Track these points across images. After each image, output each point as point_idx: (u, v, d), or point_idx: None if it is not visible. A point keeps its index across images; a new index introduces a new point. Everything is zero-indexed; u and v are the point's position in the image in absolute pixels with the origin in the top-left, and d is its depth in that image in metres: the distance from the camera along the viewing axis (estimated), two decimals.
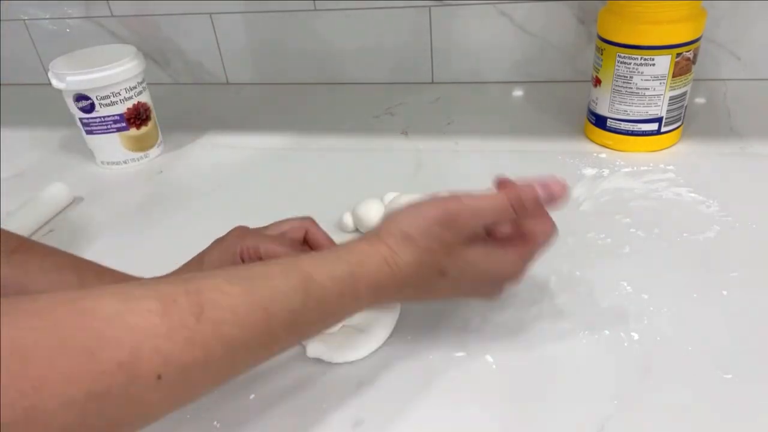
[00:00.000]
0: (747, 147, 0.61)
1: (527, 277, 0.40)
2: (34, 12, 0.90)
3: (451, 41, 0.80)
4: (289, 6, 0.81)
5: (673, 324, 0.41)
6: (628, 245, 0.48)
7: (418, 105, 0.78)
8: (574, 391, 0.37)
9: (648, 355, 0.39)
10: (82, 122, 0.66)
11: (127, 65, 0.64)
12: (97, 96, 0.63)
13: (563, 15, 0.75)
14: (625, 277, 0.45)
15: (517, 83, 0.81)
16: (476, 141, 0.68)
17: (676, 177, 0.56)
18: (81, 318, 0.25)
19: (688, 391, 0.36)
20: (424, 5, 0.78)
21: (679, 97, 0.59)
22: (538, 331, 0.41)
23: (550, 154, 0.62)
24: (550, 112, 0.72)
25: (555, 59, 0.78)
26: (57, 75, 0.62)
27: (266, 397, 0.38)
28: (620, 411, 0.35)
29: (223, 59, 0.88)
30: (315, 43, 0.84)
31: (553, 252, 0.48)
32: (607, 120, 0.61)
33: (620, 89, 0.59)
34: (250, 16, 0.84)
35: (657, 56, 0.56)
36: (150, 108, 0.69)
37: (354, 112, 0.78)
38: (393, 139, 0.70)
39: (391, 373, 0.39)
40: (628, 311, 0.42)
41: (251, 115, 0.81)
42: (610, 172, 0.58)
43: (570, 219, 0.52)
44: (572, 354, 0.39)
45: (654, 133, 0.60)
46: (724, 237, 0.48)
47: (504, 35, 0.78)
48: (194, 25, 0.86)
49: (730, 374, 0.37)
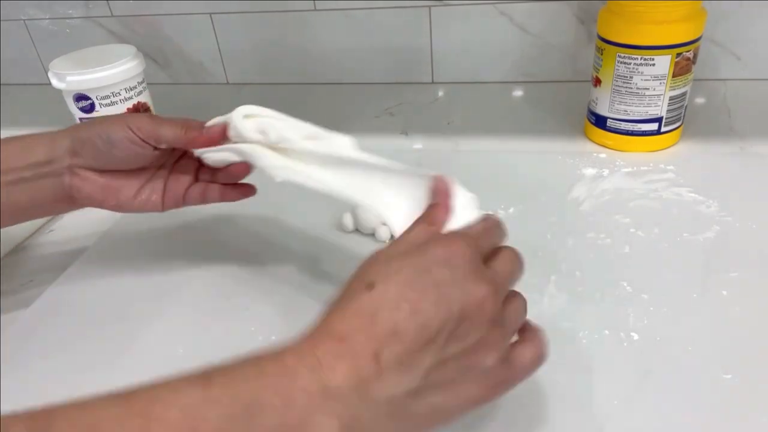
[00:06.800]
0: (747, 147, 0.61)
1: (526, 276, 0.40)
2: (34, 12, 0.90)
3: (451, 41, 0.80)
4: (289, 6, 0.81)
5: (673, 324, 0.41)
6: (628, 245, 0.48)
7: (418, 105, 0.78)
8: (574, 391, 0.37)
9: (648, 355, 0.39)
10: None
11: (127, 65, 0.64)
12: (97, 96, 0.63)
13: (563, 15, 0.75)
14: (625, 277, 0.45)
15: (517, 83, 0.81)
16: (476, 141, 0.68)
17: (676, 177, 0.56)
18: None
19: (688, 391, 0.36)
20: (424, 5, 0.78)
21: (679, 97, 0.59)
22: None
23: (550, 154, 0.62)
24: (550, 112, 0.72)
25: (555, 59, 0.78)
26: (57, 75, 0.62)
27: None
28: (620, 411, 0.35)
29: (223, 59, 0.88)
30: (315, 43, 0.84)
31: (553, 252, 0.48)
32: (607, 120, 0.61)
33: (620, 89, 0.59)
34: (250, 16, 0.84)
35: (657, 56, 0.55)
36: (150, 108, 0.69)
37: (354, 112, 0.78)
38: (393, 139, 0.70)
39: None
40: (628, 311, 0.42)
41: None
42: (610, 172, 0.58)
43: (570, 219, 0.52)
44: (572, 354, 0.39)
45: (654, 133, 0.60)
46: (724, 237, 0.48)
47: (504, 35, 0.78)
48: (194, 25, 0.86)
49: (730, 374, 0.37)
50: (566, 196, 0.55)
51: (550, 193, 0.56)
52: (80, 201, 0.44)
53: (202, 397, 0.24)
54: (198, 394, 0.24)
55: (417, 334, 0.26)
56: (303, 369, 0.25)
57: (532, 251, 0.48)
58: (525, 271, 0.34)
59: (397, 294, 0.27)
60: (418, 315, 0.27)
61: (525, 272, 0.34)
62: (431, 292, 0.27)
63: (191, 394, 0.24)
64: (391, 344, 0.26)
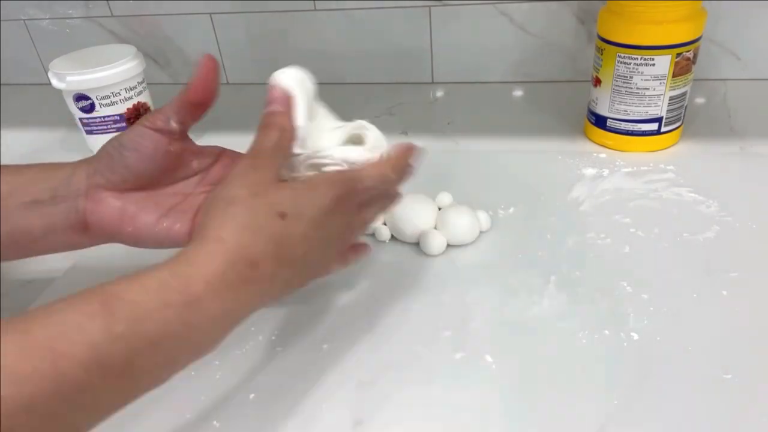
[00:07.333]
0: (747, 147, 0.61)
1: (526, 276, 0.40)
2: (34, 12, 0.90)
3: (451, 41, 0.80)
4: (289, 6, 0.81)
5: (673, 324, 0.41)
6: (628, 245, 0.48)
7: (418, 105, 0.78)
8: (574, 392, 0.37)
9: (648, 355, 0.39)
10: (82, 122, 0.66)
11: (127, 65, 0.64)
12: (97, 96, 0.63)
13: (563, 15, 0.75)
14: (625, 277, 0.45)
15: (517, 83, 0.81)
16: (476, 141, 0.68)
17: (676, 177, 0.56)
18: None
19: (688, 391, 0.36)
20: (424, 5, 0.78)
21: (679, 97, 0.59)
22: (539, 331, 0.41)
23: (550, 154, 0.62)
24: (550, 112, 0.72)
25: (555, 59, 0.78)
26: (57, 75, 0.62)
27: (266, 397, 0.38)
28: (620, 411, 0.35)
29: (223, 59, 0.88)
30: (315, 43, 0.84)
31: (553, 252, 0.48)
32: (607, 120, 0.61)
33: (620, 89, 0.59)
34: (250, 16, 0.84)
35: (657, 56, 0.55)
36: (150, 108, 0.69)
37: (354, 112, 0.78)
38: (393, 139, 0.70)
39: (391, 373, 0.39)
40: (628, 311, 0.42)
41: (251, 115, 0.81)
42: (610, 172, 0.58)
43: (570, 219, 0.52)
44: (572, 354, 0.39)
45: (654, 133, 0.60)
46: (724, 237, 0.48)
47: (504, 35, 0.78)
48: (194, 25, 0.86)
49: (730, 374, 0.37)
50: (566, 196, 0.55)
51: (550, 193, 0.56)
52: (95, 230, 0.39)
53: (108, 337, 0.25)
54: (100, 332, 0.25)
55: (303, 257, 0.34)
56: (213, 298, 0.28)
57: (532, 251, 0.49)
58: (525, 271, 0.34)
59: (301, 229, 0.33)
60: (309, 243, 0.34)
61: (525, 272, 0.34)
62: (321, 228, 0.34)
63: (93, 332, 0.25)
64: (287, 268, 0.33)
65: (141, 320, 0.26)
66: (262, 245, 0.31)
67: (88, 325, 0.25)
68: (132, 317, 0.26)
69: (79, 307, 0.25)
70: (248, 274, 0.30)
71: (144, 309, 0.26)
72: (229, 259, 0.30)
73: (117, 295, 0.26)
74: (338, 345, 0.42)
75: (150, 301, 0.26)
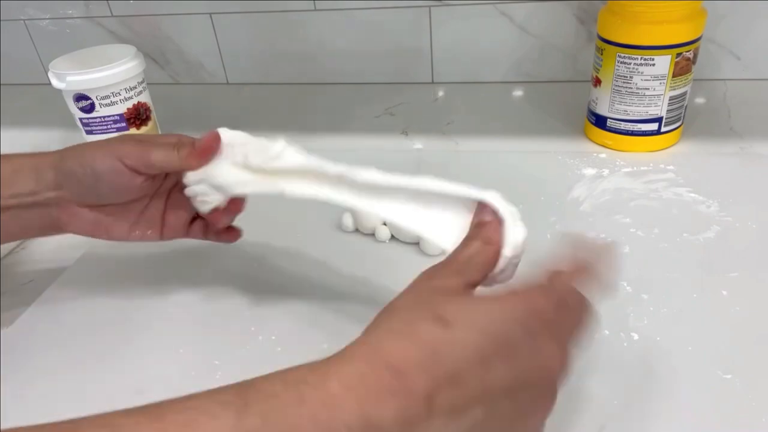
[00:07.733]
0: (747, 147, 0.61)
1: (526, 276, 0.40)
2: (34, 12, 0.90)
3: (451, 41, 0.80)
4: (289, 6, 0.81)
5: (673, 324, 0.41)
6: (628, 245, 0.48)
7: (418, 105, 0.78)
8: (574, 392, 0.37)
9: (648, 355, 0.39)
10: (82, 122, 0.66)
11: (127, 65, 0.64)
12: (97, 96, 0.63)
13: (563, 15, 0.75)
14: (625, 277, 0.45)
15: (517, 83, 0.81)
16: (476, 141, 0.68)
17: (676, 177, 0.56)
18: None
19: (688, 391, 0.36)
20: (424, 5, 0.78)
21: (679, 97, 0.59)
22: None
23: (550, 154, 0.62)
24: (550, 112, 0.72)
25: (555, 59, 0.78)
26: (57, 75, 0.62)
27: None
28: (620, 411, 0.35)
29: (223, 59, 0.88)
30: (315, 43, 0.84)
31: (553, 252, 0.48)
32: (607, 120, 0.61)
33: (620, 89, 0.59)
34: (250, 16, 0.84)
35: (657, 56, 0.56)
36: (150, 108, 0.69)
37: (354, 112, 0.78)
38: (393, 139, 0.70)
39: None
40: (628, 311, 0.42)
41: (251, 115, 0.81)
42: (610, 172, 0.58)
43: (570, 219, 0.52)
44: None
45: (654, 133, 0.60)
46: (724, 237, 0.48)
47: (504, 35, 0.78)
48: (194, 25, 0.86)
49: (730, 374, 0.37)
50: (566, 196, 0.55)
51: (550, 193, 0.56)
52: (70, 232, 0.43)
53: (237, 427, 0.23)
54: (233, 422, 0.23)
55: (477, 386, 0.25)
56: (349, 400, 0.24)
57: (531, 251, 0.48)
58: (525, 271, 0.34)
59: (470, 340, 0.25)
60: (484, 368, 0.25)
61: (525, 272, 0.34)
62: (503, 348, 0.26)
63: (226, 421, 0.23)
64: (448, 389, 0.24)
65: (274, 412, 0.23)
66: (412, 352, 0.25)
67: (221, 413, 0.23)
68: (266, 409, 0.23)
69: (215, 395, 0.24)
70: (392, 384, 0.24)
71: (279, 402, 0.24)
72: (369, 359, 0.25)
73: (254, 386, 0.25)
74: (338, 345, 0.42)
75: (285, 393, 0.24)
